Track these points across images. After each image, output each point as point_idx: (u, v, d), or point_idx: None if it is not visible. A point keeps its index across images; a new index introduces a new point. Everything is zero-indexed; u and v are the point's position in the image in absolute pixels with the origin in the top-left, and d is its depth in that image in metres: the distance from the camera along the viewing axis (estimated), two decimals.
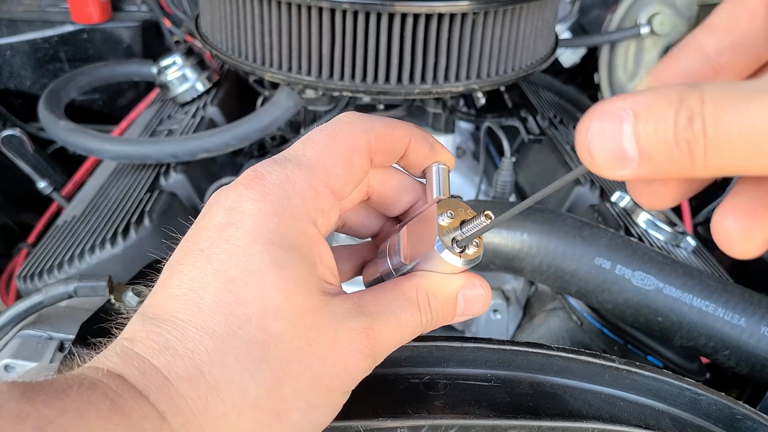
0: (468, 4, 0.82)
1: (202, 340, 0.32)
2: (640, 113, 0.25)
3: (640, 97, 0.26)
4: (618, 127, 0.26)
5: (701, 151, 0.24)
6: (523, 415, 0.41)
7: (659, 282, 0.70)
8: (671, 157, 0.25)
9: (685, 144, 0.24)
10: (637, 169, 0.26)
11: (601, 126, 0.26)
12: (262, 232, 0.34)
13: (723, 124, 0.23)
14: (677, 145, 0.25)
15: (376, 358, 0.36)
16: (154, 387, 0.31)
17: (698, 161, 0.25)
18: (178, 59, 1.09)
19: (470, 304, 0.39)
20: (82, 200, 0.99)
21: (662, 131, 0.25)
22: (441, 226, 0.37)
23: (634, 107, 0.26)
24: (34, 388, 0.28)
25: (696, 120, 0.24)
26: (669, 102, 0.25)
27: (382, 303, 0.37)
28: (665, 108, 0.25)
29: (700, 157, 0.24)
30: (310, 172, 0.36)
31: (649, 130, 0.25)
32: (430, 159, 0.42)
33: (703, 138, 0.24)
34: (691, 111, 0.24)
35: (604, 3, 1.56)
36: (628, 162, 0.26)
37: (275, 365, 0.32)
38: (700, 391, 0.44)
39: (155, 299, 0.34)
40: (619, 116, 0.26)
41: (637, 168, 0.26)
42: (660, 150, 0.25)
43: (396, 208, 0.43)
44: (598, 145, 0.27)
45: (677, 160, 0.25)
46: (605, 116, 0.26)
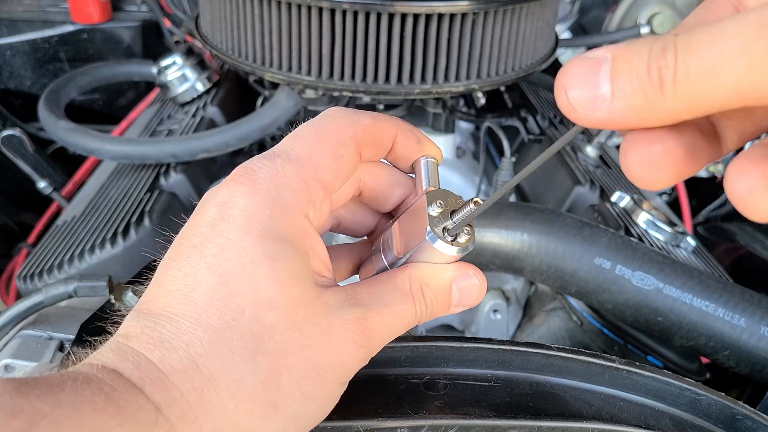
0: (468, 4, 0.82)
1: (197, 332, 0.32)
2: (618, 54, 0.27)
3: (620, 44, 0.27)
4: (596, 67, 0.27)
5: (670, 77, 0.25)
6: (523, 415, 0.41)
7: (659, 282, 0.70)
8: (641, 88, 0.26)
9: (656, 71, 0.26)
10: (610, 108, 0.27)
11: (579, 66, 0.28)
12: (253, 225, 0.34)
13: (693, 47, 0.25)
14: (648, 74, 0.26)
15: (371, 348, 0.36)
16: (149, 380, 0.31)
17: (667, 87, 0.25)
18: (178, 59, 1.09)
19: (465, 294, 0.39)
20: (82, 200, 0.99)
21: (636, 64, 0.26)
22: (431, 216, 0.37)
23: (613, 50, 0.27)
24: (28, 383, 0.28)
25: (668, 49, 0.25)
26: (646, 41, 0.26)
27: (375, 294, 0.37)
28: (642, 46, 0.26)
29: (669, 83, 0.25)
30: (299, 165, 0.37)
31: (623, 66, 0.27)
32: (418, 152, 0.42)
33: (674, 62, 0.25)
34: (665, 43, 0.26)
35: (604, 3, 1.56)
36: (601, 102, 0.27)
37: (270, 356, 0.33)
38: (700, 391, 0.44)
39: (149, 296, 0.35)
40: (598, 59, 0.27)
41: (609, 106, 0.27)
42: (631, 81, 0.26)
43: (388, 203, 0.43)
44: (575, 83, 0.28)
45: (647, 90, 0.26)
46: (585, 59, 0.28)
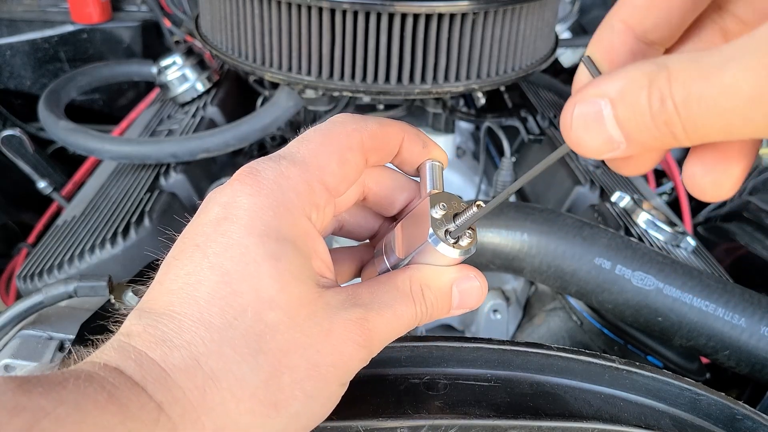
0: (468, 4, 0.82)
1: (199, 331, 0.32)
2: (615, 99, 0.27)
3: (611, 83, 0.27)
4: (599, 113, 0.27)
5: (680, 129, 0.26)
6: (523, 415, 0.41)
7: (659, 282, 0.70)
8: (655, 137, 0.27)
9: (663, 125, 0.26)
10: (627, 150, 0.28)
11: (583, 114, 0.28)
12: (257, 225, 0.34)
13: (691, 102, 0.25)
14: (657, 127, 0.26)
15: (372, 349, 0.36)
16: (151, 378, 0.31)
17: (680, 136, 0.26)
18: (178, 59, 1.09)
19: (465, 296, 0.39)
20: (82, 200, 0.99)
21: (639, 115, 0.26)
22: (434, 218, 0.37)
23: (608, 93, 0.27)
24: (30, 381, 0.28)
25: (667, 101, 0.25)
26: (640, 86, 0.26)
27: (376, 294, 0.37)
28: (637, 92, 0.26)
29: (680, 134, 0.26)
30: (304, 168, 0.37)
31: (627, 115, 0.27)
32: (424, 156, 0.42)
33: (677, 117, 0.25)
34: (661, 93, 0.26)
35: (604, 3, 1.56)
36: (617, 144, 0.28)
37: (272, 355, 0.33)
38: (700, 391, 0.44)
39: (152, 294, 0.35)
40: (597, 103, 0.27)
41: (628, 148, 0.28)
42: (642, 131, 0.27)
43: (392, 208, 0.43)
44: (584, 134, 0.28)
45: (661, 138, 0.26)
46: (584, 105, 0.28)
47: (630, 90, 0.26)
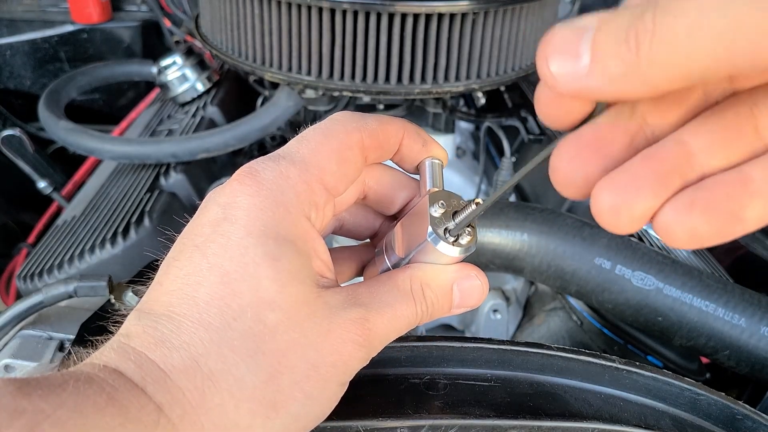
0: (468, 4, 0.82)
1: (198, 332, 0.32)
2: (604, 18, 0.26)
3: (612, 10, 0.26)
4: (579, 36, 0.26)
5: (648, 39, 0.24)
6: (523, 415, 0.41)
7: (659, 282, 0.70)
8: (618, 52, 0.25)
9: (633, 35, 0.24)
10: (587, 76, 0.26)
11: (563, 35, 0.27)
12: (256, 225, 0.34)
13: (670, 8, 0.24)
14: (626, 38, 0.25)
15: (371, 348, 0.36)
16: (150, 379, 0.31)
17: (643, 51, 0.24)
18: (178, 59, 1.09)
19: (466, 295, 0.39)
20: (82, 200, 0.99)
21: (615, 30, 0.25)
22: (433, 216, 0.37)
23: (601, 17, 0.26)
24: (30, 383, 0.28)
25: (648, 11, 0.24)
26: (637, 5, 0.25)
27: (376, 294, 0.37)
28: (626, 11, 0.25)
29: (645, 47, 0.24)
30: (303, 168, 0.37)
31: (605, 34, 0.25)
32: (423, 154, 0.42)
33: (652, 25, 0.24)
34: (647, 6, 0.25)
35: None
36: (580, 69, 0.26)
37: (271, 356, 0.33)
38: (700, 391, 0.44)
39: (151, 295, 0.35)
40: (583, 28, 0.26)
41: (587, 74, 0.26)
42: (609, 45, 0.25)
43: (392, 206, 0.43)
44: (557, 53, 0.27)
45: (623, 55, 0.25)
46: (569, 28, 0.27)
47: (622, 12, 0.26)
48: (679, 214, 0.27)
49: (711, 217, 0.27)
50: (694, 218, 0.27)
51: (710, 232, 0.27)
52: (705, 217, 0.27)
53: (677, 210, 0.27)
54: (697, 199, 0.27)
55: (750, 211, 0.26)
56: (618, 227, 0.29)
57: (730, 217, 0.26)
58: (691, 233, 0.27)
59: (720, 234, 0.27)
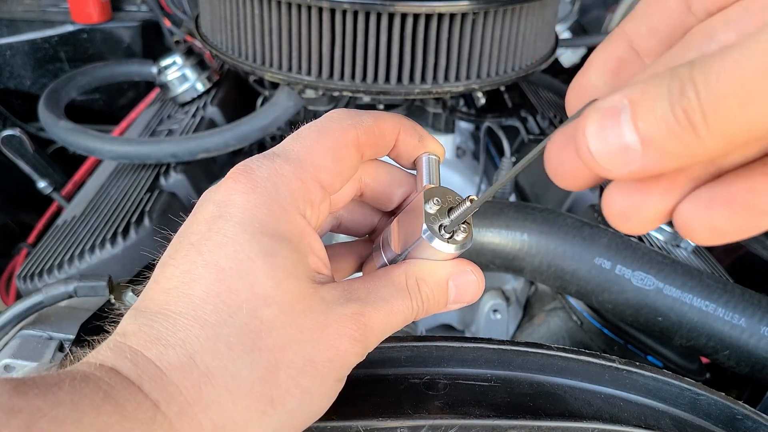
0: (468, 4, 0.82)
1: (193, 329, 0.32)
2: (636, 99, 0.25)
3: (634, 86, 0.25)
4: (615, 120, 0.25)
5: (699, 117, 0.23)
6: (523, 415, 0.41)
7: (659, 282, 0.70)
8: (673, 133, 0.24)
9: (682, 114, 0.24)
10: (643, 160, 0.25)
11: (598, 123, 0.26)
12: (251, 222, 0.34)
13: (712, 81, 0.23)
14: (675, 118, 0.24)
15: (367, 343, 0.36)
16: (147, 377, 0.31)
17: (700, 129, 0.23)
18: (178, 59, 1.09)
19: (462, 291, 0.39)
20: (82, 200, 0.99)
21: (659, 107, 0.24)
22: (428, 213, 0.38)
23: (629, 95, 0.25)
24: (26, 382, 0.28)
25: (687, 86, 0.23)
26: (662, 78, 0.24)
27: (372, 289, 0.37)
28: (659, 85, 0.24)
29: (700, 124, 0.23)
30: (298, 165, 0.37)
31: (645, 111, 0.24)
32: (420, 149, 0.42)
33: (697, 101, 0.23)
34: (682, 80, 0.24)
35: (604, 3, 1.57)
36: (632, 154, 0.25)
37: (267, 352, 0.33)
38: (700, 391, 0.44)
39: (147, 294, 0.35)
40: (616, 109, 0.25)
41: (643, 158, 0.25)
42: (660, 128, 0.24)
43: (390, 203, 0.43)
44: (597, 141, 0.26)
45: (680, 135, 0.24)
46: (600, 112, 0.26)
47: (653, 85, 0.24)
48: (699, 209, 0.27)
49: (733, 212, 0.26)
50: (714, 214, 0.26)
51: (733, 227, 0.26)
52: (727, 213, 0.26)
53: (697, 206, 0.27)
54: (717, 195, 0.26)
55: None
56: (630, 229, 0.29)
57: (754, 212, 0.26)
58: (712, 229, 0.26)
59: (744, 229, 0.26)
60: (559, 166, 0.31)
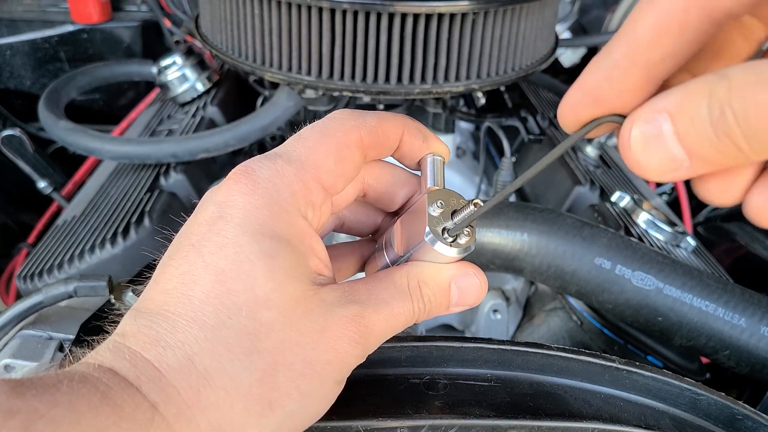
0: (468, 4, 0.82)
1: (192, 330, 0.32)
2: (674, 113, 0.26)
3: (671, 97, 0.26)
4: (658, 131, 0.26)
5: (741, 140, 0.24)
6: (523, 415, 0.41)
7: (659, 282, 0.70)
8: (719, 150, 0.25)
9: (725, 136, 0.24)
10: (692, 167, 0.26)
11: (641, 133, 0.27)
12: (251, 223, 0.34)
13: (749, 109, 0.23)
14: (719, 139, 0.24)
15: (368, 345, 0.36)
16: (145, 378, 0.31)
17: (744, 148, 0.24)
18: (178, 59, 1.09)
19: (465, 293, 0.39)
20: (82, 200, 0.99)
21: (700, 127, 0.25)
22: (431, 216, 0.37)
23: (667, 108, 0.26)
24: (24, 383, 0.28)
25: (726, 111, 0.24)
26: (700, 95, 0.25)
27: (373, 291, 0.37)
28: (697, 103, 0.25)
29: (743, 145, 0.24)
30: (300, 166, 0.37)
31: (687, 129, 0.25)
32: (424, 150, 0.42)
33: (737, 128, 0.24)
34: (720, 102, 0.24)
35: (604, 3, 1.57)
36: (680, 163, 0.26)
37: (266, 354, 0.33)
38: (700, 391, 0.44)
39: (147, 295, 0.35)
40: (656, 120, 0.26)
41: (691, 165, 0.26)
42: (705, 145, 0.25)
43: (393, 203, 0.43)
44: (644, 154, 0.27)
45: (725, 151, 0.25)
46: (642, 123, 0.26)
47: (689, 102, 0.25)
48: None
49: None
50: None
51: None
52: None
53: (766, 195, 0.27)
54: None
55: None
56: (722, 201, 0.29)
57: None
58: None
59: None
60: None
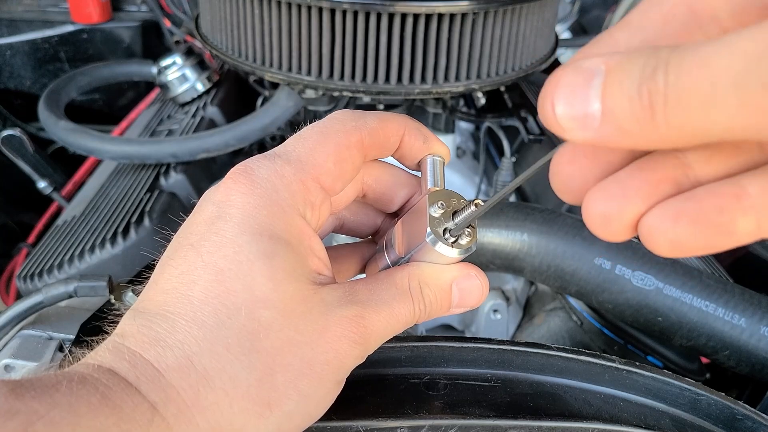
0: (468, 4, 0.82)
1: (192, 330, 0.32)
2: (612, 66, 0.24)
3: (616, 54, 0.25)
4: (588, 80, 0.25)
5: (661, 104, 0.23)
6: (523, 415, 0.41)
7: (659, 282, 0.70)
8: (632, 112, 0.24)
9: (646, 94, 0.23)
10: (599, 129, 0.25)
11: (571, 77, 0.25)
12: (250, 223, 0.34)
13: (683, 72, 0.22)
14: (639, 97, 0.23)
15: (367, 346, 0.36)
16: (145, 379, 0.31)
17: (658, 115, 0.23)
18: (178, 59, 1.09)
19: (466, 295, 0.39)
20: (82, 200, 0.99)
21: (627, 81, 0.24)
22: (432, 216, 0.37)
23: (609, 61, 0.25)
24: (23, 384, 0.28)
25: (659, 69, 0.23)
26: (641, 55, 0.24)
27: (374, 292, 0.37)
28: (636, 60, 0.24)
29: (660, 111, 0.23)
30: (299, 166, 0.37)
31: (614, 81, 0.24)
32: (425, 151, 0.42)
33: (664, 87, 0.23)
34: (657, 61, 0.23)
35: (604, 3, 1.57)
36: (591, 120, 0.25)
37: (265, 354, 0.33)
38: (700, 391, 0.44)
39: (146, 295, 0.35)
40: (592, 71, 0.25)
41: (599, 127, 0.25)
42: (622, 102, 0.24)
43: (393, 204, 0.43)
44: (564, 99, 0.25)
45: (638, 115, 0.24)
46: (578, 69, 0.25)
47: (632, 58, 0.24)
48: (664, 222, 0.26)
49: (698, 229, 0.25)
50: (679, 229, 0.26)
51: (696, 243, 0.26)
52: (692, 229, 0.26)
53: (663, 218, 0.26)
54: (685, 210, 0.26)
55: (741, 225, 0.25)
56: (609, 235, 0.28)
57: (719, 231, 0.25)
58: (673, 243, 0.26)
59: (707, 246, 0.26)
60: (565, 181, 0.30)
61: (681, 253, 0.26)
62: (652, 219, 0.27)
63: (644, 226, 0.27)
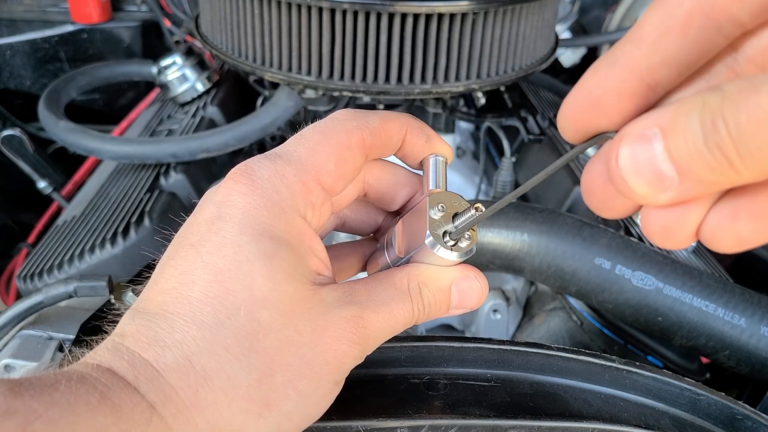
0: (468, 4, 0.82)
1: (191, 330, 0.32)
2: (666, 128, 0.25)
3: (663, 112, 0.25)
4: (648, 148, 0.25)
5: (733, 153, 0.23)
6: (523, 415, 0.41)
7: (659, 282, 0.70)
8: (710, 166, 0.24)
9: (716, 149, 0.23)
10: (681, 187, 0.25)
11: (630, 151, 0.25)
12: (250, 224, 0.34)
13: (741, 120, 0.22)
14: (710, 152, 0.23)
15: (366, 347, 0.36)
16: (143, 378, 0.31)
17: (736, 163, 0.23)
18: (178, 59, 1.09)
19: (465, 296, 0.39)
20: (82, 200, 0.99)
21: (692, 141, 0.24)
22: (432, 219, 0.37)
23: (659, 123, 0.25)
24: (22, 383, 0.28)
25: (718, 121, 0.23)
26: (693, 108, 0.24)
27: (373, 292, 0.37)
28: (690, 116, 0.24)
29: (735, 159, 0.23)
30: (300, 167, 0.36)
31: (679, 143, 0.24)
32: (427, 150, 0.41)
33: (729, 139, 0.23)
34: (713, 113, 0.23)
35: (604, 3, 1.57)
36: (669, 182, 0.25)
37: (264, 354, 0.33)
38: (700, 391, 0.44)
39: (146, 295, 0.35)
40: (647, 136, 0.25)
41: (680, 186, 0.25)
42: (696, 162, 0.24)
43: (394, 203, 0.43)
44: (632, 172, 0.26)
45: (716, 168, 0.24)
46: (632, 140, 0.25)
47: (681, 115, 0.24)
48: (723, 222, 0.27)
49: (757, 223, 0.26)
50: (740, 225, 0.26)
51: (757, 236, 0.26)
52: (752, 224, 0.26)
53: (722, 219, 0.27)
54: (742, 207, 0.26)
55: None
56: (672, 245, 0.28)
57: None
58: (737, 239, 0.27)
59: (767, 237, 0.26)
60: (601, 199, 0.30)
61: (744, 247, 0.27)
62: (712, 222, 0.27)
63: (706, 230, 0.27)
